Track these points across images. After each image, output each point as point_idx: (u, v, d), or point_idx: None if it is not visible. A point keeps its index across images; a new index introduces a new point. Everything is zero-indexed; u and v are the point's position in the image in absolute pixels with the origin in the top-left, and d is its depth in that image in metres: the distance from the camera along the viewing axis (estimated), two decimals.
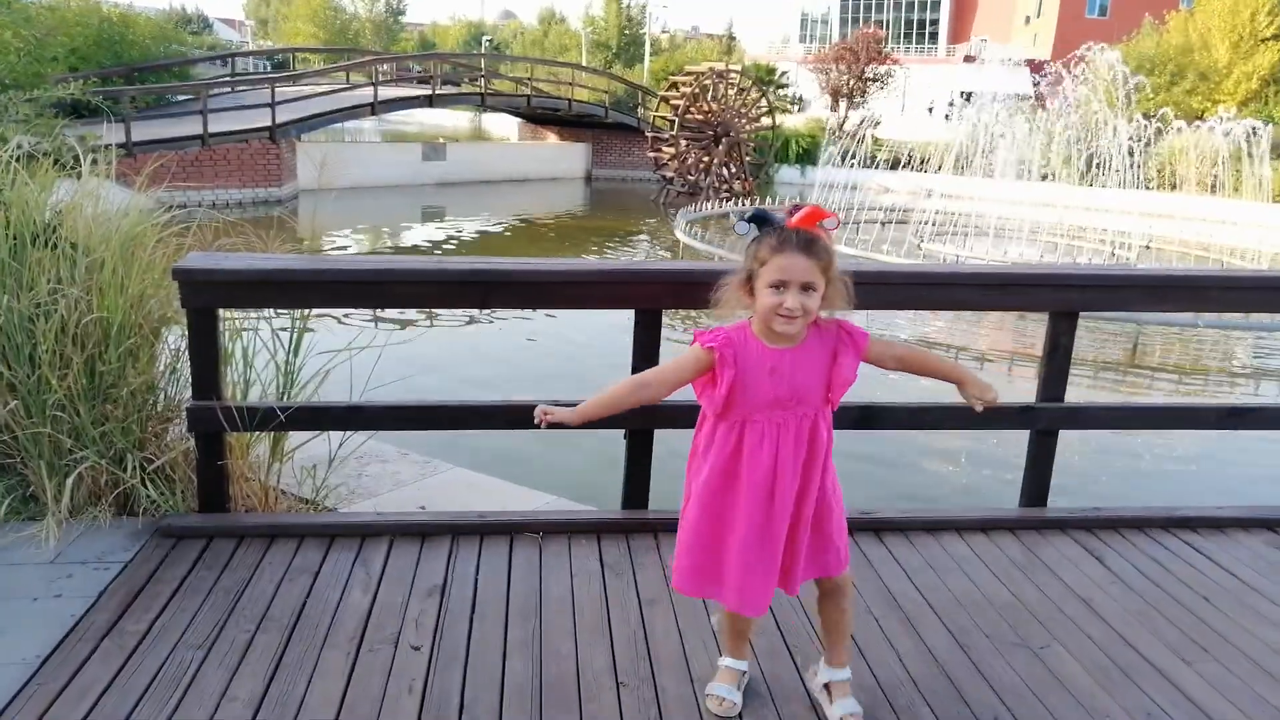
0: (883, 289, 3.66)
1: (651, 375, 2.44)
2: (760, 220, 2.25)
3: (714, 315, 2.38)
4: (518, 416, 3.61)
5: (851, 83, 37.67)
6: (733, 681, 2.54)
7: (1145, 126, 21.77)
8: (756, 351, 2.29)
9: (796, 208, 2.25)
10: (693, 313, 2.36)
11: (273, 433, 3.67)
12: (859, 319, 2.37)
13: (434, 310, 10.43)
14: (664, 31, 71.01)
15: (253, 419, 3.36)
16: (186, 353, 3.44)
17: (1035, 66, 37.46)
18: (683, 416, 3.00)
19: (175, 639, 2.72)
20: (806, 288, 2.19)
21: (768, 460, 2.30)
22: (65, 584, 2.99)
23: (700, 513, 2.37)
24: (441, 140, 32.61)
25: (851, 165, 22.82)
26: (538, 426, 2.40)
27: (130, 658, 2.62)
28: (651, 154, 27.22)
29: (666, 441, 3.53)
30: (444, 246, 19.12)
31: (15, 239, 3.40)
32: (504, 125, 43.41)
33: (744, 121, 27.83)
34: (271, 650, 2.69)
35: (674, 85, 27.94)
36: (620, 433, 3.57)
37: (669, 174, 26.65)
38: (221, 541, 3.29)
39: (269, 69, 37.67)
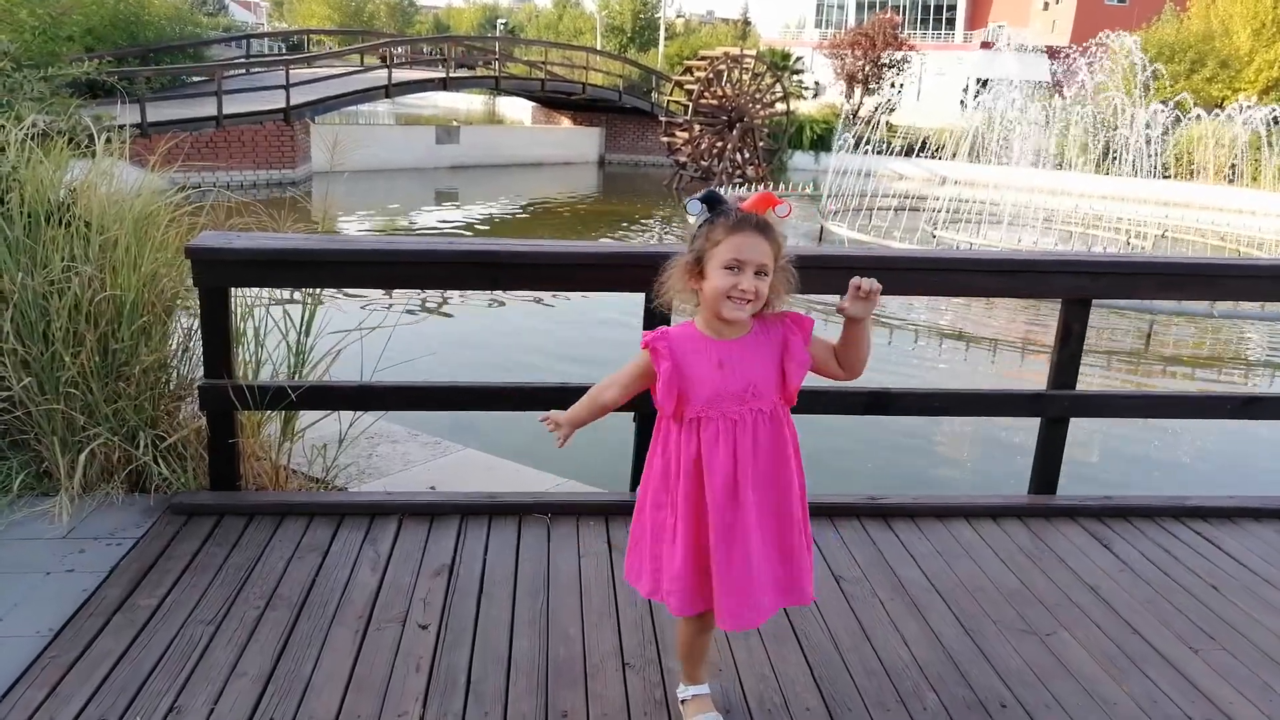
0: (895, 274, 3.62)
1: (611, 378, 2.32)
2: (712, 201, 2.17)
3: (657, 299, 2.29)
4: (528, 398, 3.62)
5: (867, 69, 37.46)
6: (710, 709, 2.42)
7: (1160, 113, 21.55)
8: (701, 344, 2.19)
9: (739, 199, 2.18)
10: None
11: (283, 412, 3.68)
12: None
13: (446, 292, 10.45)
14: (679, 16, 70.71)
15: (264, 398, 3.38)
16: (198, 331, 3.46)
17: (1053, 53, 37.11)
18: None
19: (185, 615, 2.74)
20: (760, 271, 2.11)
21: (726, 459, 2.17)
22: (77, 559, 3.02)
23: (685, 525, 2.20)
24: (455, 123, 32.60)
25: (866, 151, 22.68)
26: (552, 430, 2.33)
27: (141, 632, 2.65)
28: (665, 139, 27.18)
29: None
30: (456, 228, 19.12)
31: (29, 217, 3.41)
32: (518, 109, 43.38)
33: (758, 107, 27.77)
34: (280, 627, 2.71)
35: (688, 70, 27.91)
36: (629, 415, 3.57)
37: (682, 159, 26.60)
38: (232, 519, 3.31)
39: (284, 51, 37.69)
